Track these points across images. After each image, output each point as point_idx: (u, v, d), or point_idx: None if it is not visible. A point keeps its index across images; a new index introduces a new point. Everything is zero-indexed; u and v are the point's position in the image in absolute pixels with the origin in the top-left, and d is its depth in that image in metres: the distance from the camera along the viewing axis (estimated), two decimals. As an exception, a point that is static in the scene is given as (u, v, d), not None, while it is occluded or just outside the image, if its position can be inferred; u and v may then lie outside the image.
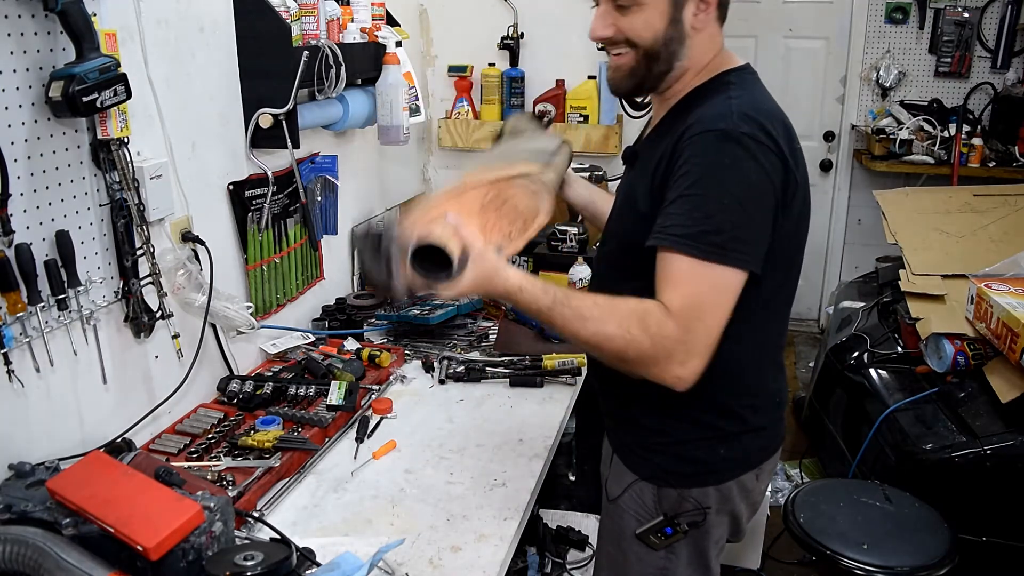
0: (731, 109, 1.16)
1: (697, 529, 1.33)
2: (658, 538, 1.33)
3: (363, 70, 2.10)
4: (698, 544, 1.35)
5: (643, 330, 1.10)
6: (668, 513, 1.32)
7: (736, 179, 1.12)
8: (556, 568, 2.10)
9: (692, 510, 1.31)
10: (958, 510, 2.18)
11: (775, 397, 1.37)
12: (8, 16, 1.20)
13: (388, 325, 2.20)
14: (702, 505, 1.31)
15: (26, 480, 1.18)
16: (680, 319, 1.09)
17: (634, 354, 1.11)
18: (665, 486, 1.33)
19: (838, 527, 1.97)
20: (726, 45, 1.29)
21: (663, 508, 1.33)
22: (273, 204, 1.92)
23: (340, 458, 1.59)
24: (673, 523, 1.32)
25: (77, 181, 1.37)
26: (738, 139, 1.12)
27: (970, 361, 2.42)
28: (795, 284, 1.33)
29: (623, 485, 1.37)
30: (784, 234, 1.19)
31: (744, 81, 1.25)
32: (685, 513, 1.32)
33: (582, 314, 1.13)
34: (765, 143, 1.13)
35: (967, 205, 3.15)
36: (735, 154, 1.12)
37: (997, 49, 4.03)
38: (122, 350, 1.51)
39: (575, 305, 1.14)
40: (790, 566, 2.71)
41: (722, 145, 1.13)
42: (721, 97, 1.20)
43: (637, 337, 1.10)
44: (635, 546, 1.36)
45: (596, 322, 1.12)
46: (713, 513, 1.33)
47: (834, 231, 4.61)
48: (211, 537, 1.09)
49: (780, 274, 1.24)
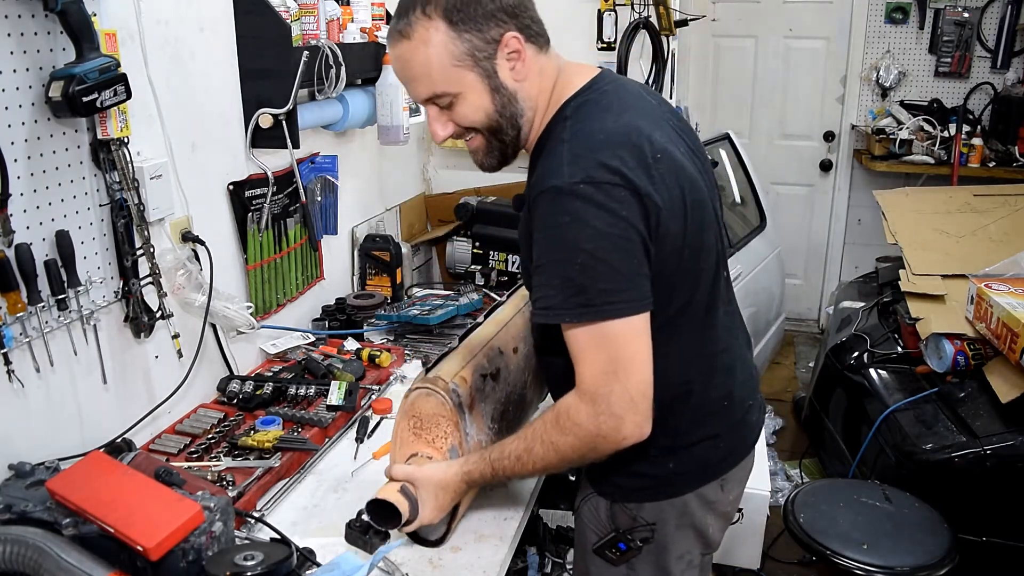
0: (562, 158, 1.10)
1: (651, 544, 1.29)
2: (613, 553, 1.31)
3: (363, 70, 2.10)
4: (659, 560, 1.31)
5: (561, 431, 1.13)
6: (620, 528, 1.30)
7: (582, 233, 1.06)
8: (556, 568, 2.10)
9: (643, 526, 1.29)
10: (958, 510, 2.18)
11: (723, 401, 1.31)
12: (8, 16, 1.20)
13: (388, 325, 2.20)
14: (650, 521, 1.28)
15: (26, 480, 1.18)
16: (590, 396, 1.10)
17: (574, 453, 1.14)
18: (617, 501, 1.30)
19: (838, 527, 1.97)
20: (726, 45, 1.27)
21: (616, 523, 1.30)
22: (273, 204, 1.92)
23: (340, 458, 1.59)
24: (626, 539, 1.29)
25: (77, 181, 1.37)
26: (571, 191, 1.06)
27: (970, 361, 2.42)
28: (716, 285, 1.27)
29: (582, 496, 1.36)
30: (671, 253, 1.14)
31: (582, 109, 1.17)
32: (637, 529, 1.29)
33: (518, 457, 1.18)
34: (604, 181, 1.07)
35: (967, 205, 3.15)
36: (572, 208, 1.06)
37: (997, 49, 4.03)
38: (122, 350, 1.51)
39: (508, 453, 1.20)
40: (790, 566, 2.71)
41: (557, 203, 1.07)
42: (556, 142, 1.14)
43: (562, 441, 1.13)
44: (596, 560, 1.34)
45: (528, 454, 1.17)
46: (671, 528, 1.29)
47: (834, 231, 4.62)
48: (211, 537, 1.09)
49: (685, 290, 1.19)
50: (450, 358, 1.40)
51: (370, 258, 2.42)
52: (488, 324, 1.53)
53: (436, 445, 1.30)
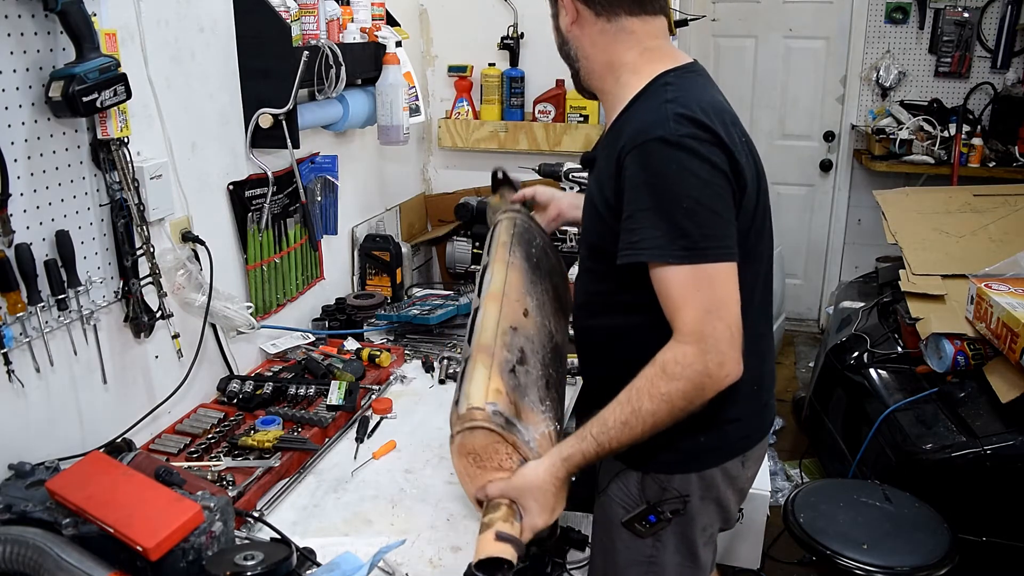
0: (666, 114, 1.17)
1: (680, 516, 1.35)
2: (643, 526, 1.36)
3: (363, 70, 2.10)
4: (684, 532, 1.37)
5: (670, 378, 1.13)
6: (651, 501, 1.35)
7: (688, 181, 1.14)
8: (556, 568, 2.09)
9: (673, 498, 1.34)
10: (958, 510, 2.18)
11: (753, 385, 1.36)
12: (8, 16, 1.20)
13: (388, 325, 2.20)
14: (682, 493, 1.33)
15: (26, 480, 1.18)
16: (693, 336, 1.12)
17: (683, 401, 1.14)
18: (649, 473, 1.35)
19: (838, 527, 1.97)
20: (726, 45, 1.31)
21: (647, 496, 1.35)
22: (273, 204, 1.92)
23: (340, 458, 1.59)
24: (656, 511, 1.35)
25: (77, 181, 1.37)
26: (678, 143, 1.14)
27: (970, 361, 2.41)
28: (767, 276, 1.35)
29: (610, 475, 1.40)
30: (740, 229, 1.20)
31: (683, 80, 1.26)
32: (667, 501, 1.34)
33: (624, 422, 1.16)
34: (706, 138, 1.15)
35: (967, 205, 3.15)
36: (678, 158, 1.14)
37: (997, 49, 4.03)
38: (122, 350, 1.51)
39: (611, 423, 1.16)
40: (790, 566, 2.71)
41: (665, 152, 1.15)
42: (657, 102, 1.21)
43: (672, 389, 1.13)
44: (623, 534, 1.39)
45: (636, 416, 1.15)
46: (697, 500, 1.35)
47: (834, 231, 4.61)
48: (211, 537, 1.09)
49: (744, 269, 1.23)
50: (473, 376, 1.24)
51: (370, 258, 2.42)
52: (488, 306, 1.37)
53: (505, 467, 1.21)
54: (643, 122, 1.19)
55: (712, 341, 1.12)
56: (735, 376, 1.15)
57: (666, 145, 1.14)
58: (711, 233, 1.14)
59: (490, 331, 1.33)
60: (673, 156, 1.14)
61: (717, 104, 1.23)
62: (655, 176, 1.15)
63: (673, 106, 1.18)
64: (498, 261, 1.47)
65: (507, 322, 1.35)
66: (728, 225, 1.17)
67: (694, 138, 1.15)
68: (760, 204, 1.27)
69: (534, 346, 1.37)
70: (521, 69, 2.84)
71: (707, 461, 1.35)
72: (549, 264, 1.59)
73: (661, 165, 1.15)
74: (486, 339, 1.31)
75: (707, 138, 1.15)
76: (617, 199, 1.21)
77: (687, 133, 1.15)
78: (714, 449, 1.35)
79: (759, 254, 1.31)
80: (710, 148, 1.15)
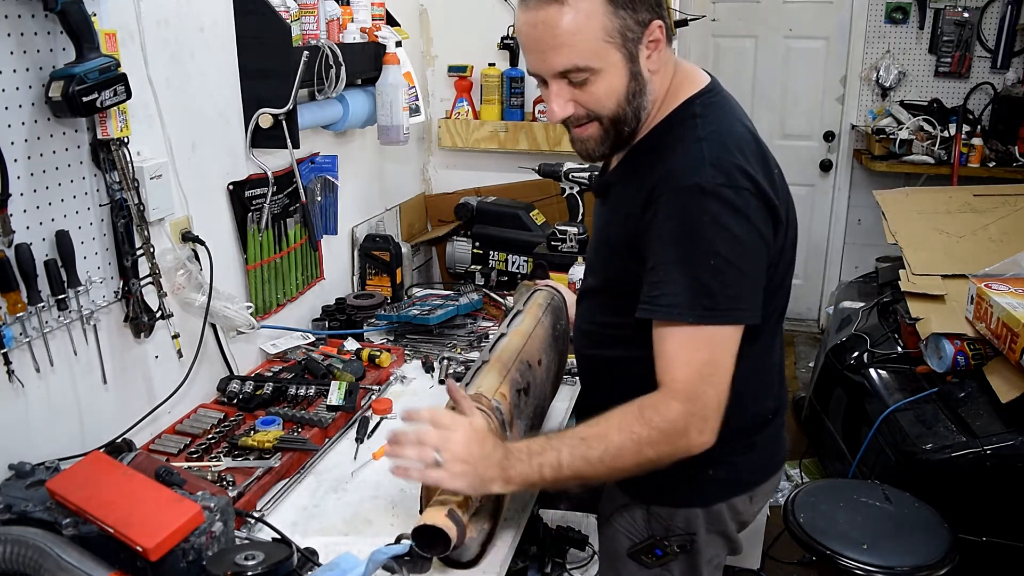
0: (703, 156, 1.09)
1: (686, 552, 1.31)
2: (649, 558, 1.32)
3: (363, 70, 2.10)
4: (692, 561, 1.33)
5: (645, 424, 1.07)
6: (657, 535, 1.31)
7: (720, 236, 1.06)
8: (556, 568, 2.09)
9: (681, 533, 1.29)
10: (958, 510, 2.18)
11: (768, 415, 1.32)
12: (8, 16, 1.20)
13: (388, 325, 2.20)
14: (688, 531, 1.29)
15: (26, 480, 1.18)
16: (685, 395, 1.07)
17: (651, 449, 1.08)
18: (654, 505, 1.31)
19: (838, 527, 1.97)
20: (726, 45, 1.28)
21: (652, 529, 1.31)
22: (273, 204, 1.92)
23: (340, 458, 1.59)
24: (663, 545, 1.30)
25: (77, 181, 1.37)
26: (715, 192, 1.06)
27: (970, 361, 2.42)
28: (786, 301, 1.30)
29: (614, 505, 1.37)
30: (773, 265, 1.15)
31: (710, 109, 1.17)
32: (674, 536, 1.30)
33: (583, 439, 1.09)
34: (744, 187, 1.08)
35: (967, 205, 3.15)
36: (714, 210, 1.06)
37: (997, 49, 4.03)
38: (122, 350, 1.51)
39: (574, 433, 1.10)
40: (790, 566, 2.71)
41: (699, 202, 1.06)
42: (690, 139, 1.12)
43: (644, 433, 1.07)
44: (629, 564, 1.35)
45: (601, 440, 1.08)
46: (703, 534, 1.31)
47: (834, 231, 4.61)
48: (211, 537, 1.09)
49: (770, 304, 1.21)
50: (486, 373, 1.31)
51: (370, 258, 2.42)
52: (514, 336, 1.45)
53: None
54: (676, 164, 1.11)
55: (701, 405, 1.07)
56: (709, 444, 1.10)
57: (701, 194, 1.06)
58: (735, 294, 1.08)
59: (510, 353, 1.38)
60: (708, 207, 1.06)
61: (745, 136, 1.15)
62: (686, 227, 1.08)
63: (708, 146, 1.10)
64: (531, 315, 1.55)
65: (526, 356, 1.40)
66: (753, 284, 1.11)
67: (731, 187, 1.06)
68: (789, 241, 1.20)
69: (536, 391, 1.44)
70: (521, 69, 2.83)
71: (713, 496, 1.29)
72: (561, 345, 1.63)
73: (694, 215, 1.07)
74: (505, 357, 1.35)
75: (746, 187, 1.08)
76: (639, 239, 1.13)
77: (724, 182, 1.07)
78: (723, 482, 1.29)
79: (785, 287, 1.25)
80: (747, 198, 1.07)
